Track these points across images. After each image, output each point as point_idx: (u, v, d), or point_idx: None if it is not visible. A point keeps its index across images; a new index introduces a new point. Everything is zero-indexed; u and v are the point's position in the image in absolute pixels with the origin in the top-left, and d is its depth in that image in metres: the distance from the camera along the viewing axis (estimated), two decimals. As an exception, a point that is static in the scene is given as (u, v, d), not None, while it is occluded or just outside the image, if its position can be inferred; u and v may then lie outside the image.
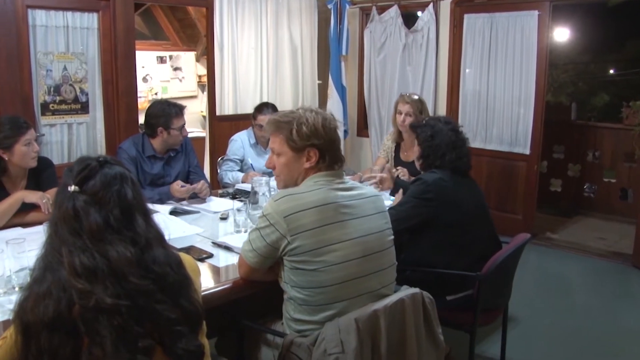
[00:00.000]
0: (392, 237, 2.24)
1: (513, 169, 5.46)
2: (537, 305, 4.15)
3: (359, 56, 6.45)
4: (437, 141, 2.92)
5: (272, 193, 2.91)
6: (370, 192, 2.22)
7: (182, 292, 1.50)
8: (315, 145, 2.14)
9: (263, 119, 4.01)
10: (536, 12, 5.12)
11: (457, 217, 2.78)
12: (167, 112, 3.53)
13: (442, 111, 5.79)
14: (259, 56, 5.83)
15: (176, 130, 3.55)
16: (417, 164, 3.08)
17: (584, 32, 6.58)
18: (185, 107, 3.69)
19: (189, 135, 3.93)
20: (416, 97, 4.18)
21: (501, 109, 5.48)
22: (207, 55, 5.58)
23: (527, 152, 5.34)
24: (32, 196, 2.92)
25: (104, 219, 1.44)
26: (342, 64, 6.22)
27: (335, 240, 2.02)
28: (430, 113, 5.60)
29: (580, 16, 6.49)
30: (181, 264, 1.53)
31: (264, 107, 4.18)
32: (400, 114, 4.11)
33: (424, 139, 2.97)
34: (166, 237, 1.57)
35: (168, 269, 1.48)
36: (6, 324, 1.83)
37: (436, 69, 5.81)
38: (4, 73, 4.06)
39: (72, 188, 1.45)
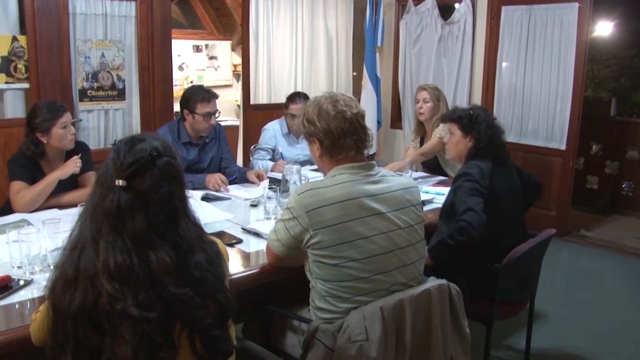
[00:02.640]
0: (422, 230, 2.19)
1: (548, 164, 5.37)
2: (568, 302, 4.09)
3: (394, 48, 6.42)
4: (494, 131, 2.86)
5: (303, 182, 2.94)
6: (399, 185, 2.13)
7: (218, 287, 1.49)
8: (314, 134, 2.13)
9: (295, 108, 4.03)
10: (576, 4, 5.01)
11: (493, 210, 2.70)
12: (194, 95, 3.56)
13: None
14: (294, 46, 5.84)
15: (200, 115, 3.54)
16: (456, 155, 3.01)
17: (628, 26, 6.38)
18: (217, 95, 3.68)
19: (223, 123, 3.97)
20: (433, 85, 4.20)
21: (537, 104, 5.40)
22: (242, 45, 5.62)
23: (563, 147, 5.26)
24: (67, 169, 3.01)
25: (148, 222, 1.39)
26: (377, 55, 6.20)
27: (358, 236, 1.99)
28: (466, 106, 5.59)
29: (625, 8, 6.30)
30: (220, 255, 1.54)
31: (296, 97, 4.19)
32: (418, 101, 4.11)
33: (483, 130, 2.84)
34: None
35: (208, 274, 1.46)
36: (41, 300, 1.89)
37: (472, 61, 5.75)
38: (45, 60, 4.15)
39: (120, 182, 1.40)
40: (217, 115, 3.63)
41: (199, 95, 3.55)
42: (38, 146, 3.02)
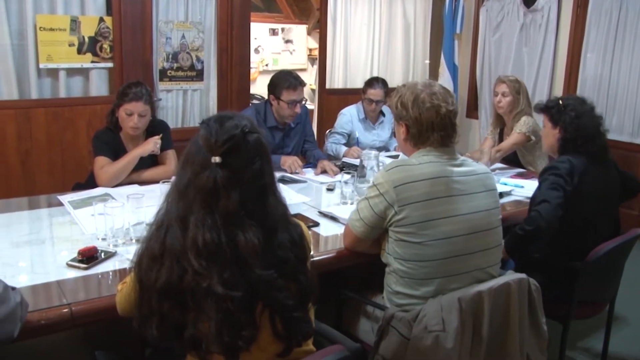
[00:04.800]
0: (500, 216, 2.18)
1: (632, 161, 5.12)
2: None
3: (473, 35, 6.26)
4: (583, 122, 2.68)
5: (381, 168, 2.92)
6: (480, 170, 2.16)
7: (300, 269, 1.50)
8: (403, 118, 2.13)
9: (373, 93, 4.02)
10: (673, -7, 4.75)
11: (575, 209, 2.58)
12: (281, 81, 3.56)
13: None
14: (371, 31, 5.80)
15: (285, 102, 3.55)
16: (548, 148, 2.89)
17: None
18: (304, 83, 3.65)
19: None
20: (512, 77, 4.02)
21: (623, 97, 5.15)
22: (320, 28, 5.61)
23: (650, 143, 5.01)
24: (147, 147, 3.09)
25: (241, 200, 1.40)
26: (456, 42, 6.06)
27: (443, 215, 2.00)
28: (545, 99, 5.40)
29: None
30: (303, 236, 1.54)
31: (374, 82, 4.16)
32: (497, 95, 3.97)
33: (570, 121, 2.70)
34: None
35: (291, 255, 1.46)
36: (123, 272, 1.95)
37: (555, 51, 5.54)
38: (129, 40, 4.26)
39: (215, 159, 1.40)
40: (302, 103, 3.63)
41: (286, 82, 3.53)
42: (112, 117, 3.13)
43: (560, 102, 2.77)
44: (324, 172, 3.46)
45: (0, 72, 3.89)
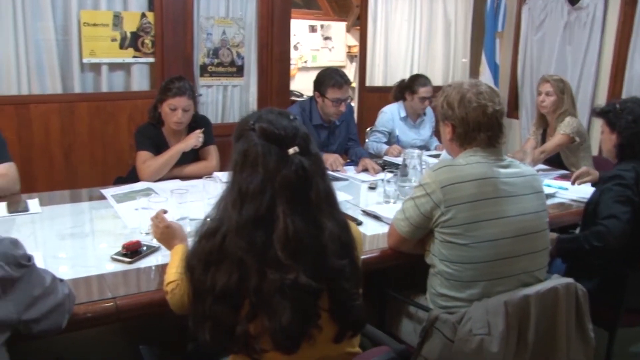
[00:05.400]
0: (547, 219, 2.13)
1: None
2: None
3: (514, 34, 6.14)
4: None
5: (424, 167, 2.88)
6: (528, 171, 2.12)
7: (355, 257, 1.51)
8: (449, 118, 2.10)
9: (426, 90, 4.00)
10: None
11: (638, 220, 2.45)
12: (327, 79, 3.54)
13: (602, 97, 5.38)
14: (412, 29, 5.75)
15: (329, 100, 3.53)
16: (607, 154, 2.74)
17: None
18: (350, 82, 3.63)
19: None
20: (557, 76, 3.91)
21: (672, 98, 5.00)
22: (360, 26, 5.58)
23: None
24: (189, 141, 3.10)
25: (325, 188, 1.45)
26: (497, 41, 5.97)
27: (490, 217, 1.96)
28: (588, 99, 5.28)
29: None
30: (348, 227, 1.53)
31: (424, 79, 4.12)
32: (540, 94, 3.87)
33: (625, 125, 2.57)
34: None
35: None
36: (164, 268, 1.94)
37: (600, 50, 5.39)
38: (170, 36, 4.29)
39: (295, 149, 1.41)
40: (347, 101, 3.61)
41: (332, 80, 3.51)
42: (155, 112, 3.15)
43: (618, 105, 2.65)
44: (365, 170, 3.43)
45: (46, 66, 3.96)
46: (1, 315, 1.26)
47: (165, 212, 2.05)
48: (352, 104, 6.08)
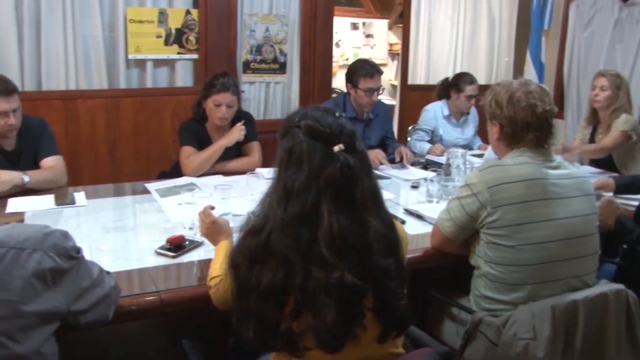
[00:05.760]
0: (597, 223, 2.08)
1: None
2: None
3: (561, 31, 6.00)
4: None
5: (467, 167, 2.84)
6: (578, 173, 2.07)
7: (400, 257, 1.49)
8: (497, 117, 2.06)
9: (473, 88, 3.96)
10: None
11: None
12: (358, 69, 3.56)
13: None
14: (455, 26, 5.67)
15: (362, 90, 3.53)
16: None
17: None
18: (381, 71, 3.65)
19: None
20: (614, 71, 3.82)
21: None
22: (403, 23, 5.54)
23: None
24: (232, 136, 3.11)
25: (371, 185, 1.43)
26: (543, 39, 5.84)
27: (539, 219, 1.92)
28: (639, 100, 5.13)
29: None
30: (394, 226, 1.51)
31: (470, 77, 4.07)
32: (594, 88, 3.77)
33: None
34: None
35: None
36: (207, 263, 1.95)
37: (652, 49, 5.24)
38: (214, 32, 4.32)
39: (340, 146, 1.40)
40: (380, 91, 3.59)
41: (363, 70, 3.53)
42: (199, 108, 3.17)
43: None
44: (401, 159, 3.46)
45: (93, 62, 4.03)
46: (51, 305, 1.27)
47: (212, 208, 2.06)
48: (393, 102, 6.06)
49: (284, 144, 1.46)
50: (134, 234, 2.33)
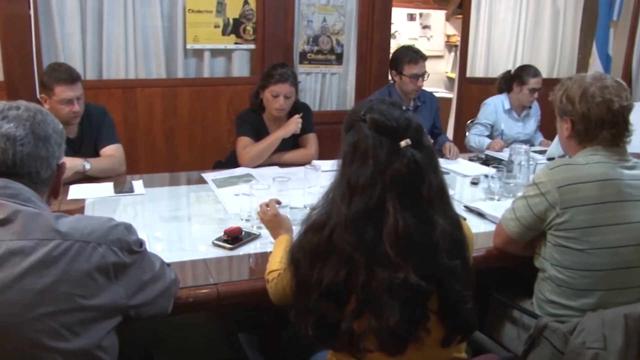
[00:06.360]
0: None
1: None
2: None
3: (631, 23, 5.73)
4: None
5: (531, 164, 2.74)
6: None
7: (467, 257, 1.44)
8: (568, 114, 1.96)
9: (537, 81, 3.85)
10: None
11: None
12: (402, 56, 3.53)
13: None
14: (517, 18, 5.49)
15: (407, 77, 3.48)
16: None
17: None
18: (426, 57, 3.58)
19: (436, 94, 3.90)
20: None
21: None
22: (463, 14, 5.40)
23: None
24: (289, 128, 3.08)
25: (437, 182, 1.38)
26: (611, 31, 5.60)
27: (611, 222, 1.82)
28: None
29: None
30: (460, 225, 1.46)
31: (534, 69, 3.93)
32: None
33: None
34: None
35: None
36: (264, 256, 1.93)
37: None
38: (271, 23, 4.29)
39: (407, 142, 1.35)
40: (425, 77, 3.52)
41: (407, 56, 3.49)
42: (257, 99, 3.15)
43: None
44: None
45: (151, 52, 4.06)
46: (112, 299, 1.27)
47: (279, 203, 2.04)
48: (450, 95, 5.93)
49: (349, 138, 1.41)
50: (190, 224, 2.33)
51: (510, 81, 4.03)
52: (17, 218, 1.23)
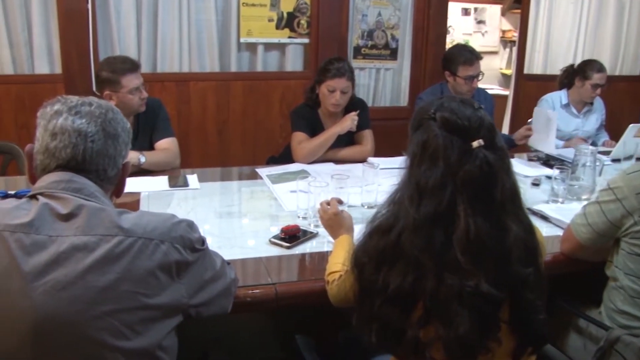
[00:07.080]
0: None
1: None
2: None
3: (698, 19, 5.50)
4: None
5: (597, 165, 2.63)
6: None
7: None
8: None
9: (601, 77, 3.71)
10: None
11: None
12: (456, 56, 3.36)
13: None
14: (578, 12, 5.29)
15: (462, 78, 3.33)
16: None
17: None
18: (481, 57, 3.43)
19: (490, 92, 3.79)
20: None
21: None
22: (522, 9, 5.23)
23: None
24: (345, 124, 3.02)
25: (511, 185, 1.31)
26: (678, 27, 5.37)
27: None
28: None
29: None
30: (534, 231, 1.38)
31: (599, 64, 3.81)
32: None
33: None
34: None
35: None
36: (321, 256, 1.89)
37: None
38: (325, 17, 4.24)
39: (480, 142, 1.28)
40: (479, 78, 3.39)
41: (462, 57, 3.33)
42: (312, 94, 3.11)
43: None
44: None
45: (205, 45, 4.07)
46: (173, 298, 1.24)
47: (340, 202, 1.99)
48: (505, 92, 5.77)
49: (417, 137, 1.35)
50: (246, 220, 2.31)
51: (572, 75, 3.89)
52: (80, 213, 1.21)
